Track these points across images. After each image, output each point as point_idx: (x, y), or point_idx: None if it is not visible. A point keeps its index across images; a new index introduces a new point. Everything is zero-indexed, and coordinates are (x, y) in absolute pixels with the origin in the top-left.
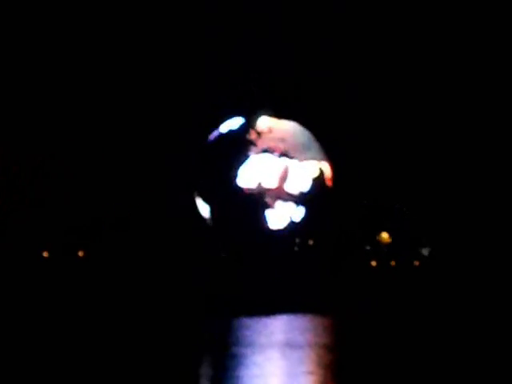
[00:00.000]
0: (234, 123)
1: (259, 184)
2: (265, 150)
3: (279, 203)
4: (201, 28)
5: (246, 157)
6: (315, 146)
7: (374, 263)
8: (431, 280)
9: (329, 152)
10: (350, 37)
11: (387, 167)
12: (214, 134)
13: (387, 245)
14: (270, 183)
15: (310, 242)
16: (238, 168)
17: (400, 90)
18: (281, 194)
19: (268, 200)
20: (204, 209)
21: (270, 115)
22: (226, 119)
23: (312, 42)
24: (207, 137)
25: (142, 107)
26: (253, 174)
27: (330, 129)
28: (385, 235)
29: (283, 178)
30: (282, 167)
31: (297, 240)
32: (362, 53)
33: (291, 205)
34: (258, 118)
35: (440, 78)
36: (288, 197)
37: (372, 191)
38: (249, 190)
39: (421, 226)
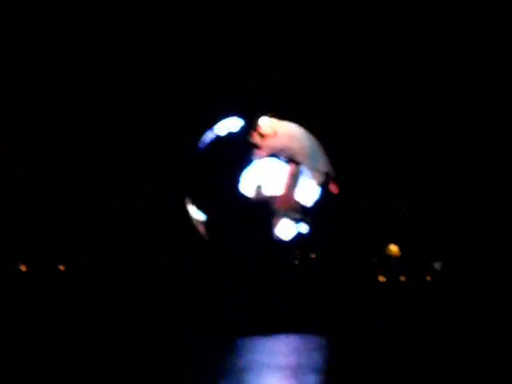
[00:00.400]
0: (231, 124)
1: (265, 191)
2: (272, 155)
3: (287, 212)
4: (197, 25)
5: (250, 161)
6: (320, 151)
7: (382, 278)
8: (444, 297)
9: (334, 157)
10: (352, 35)
11: (397, 173)
12: (209, 136)
13: (396, 258)
14: (277, 190)
15: (312, 255)
16: (240, 173)
17: (407, 90)
18: (288, 203)
19: (275, 209)
20: (198, 218)
21: (272, 116)
22: (221, 120)
23: (313, 40)
24: (201, 139)
25: (133, 109)
26: (258, 179)
27: (335, 132)
28: (394, 248)
29: (291, 185)
30: (289, 173)
31: (297, 253)
32: (363, 52)
33: (299, 214)
34: (258, 119)
35: (447, 79)
36: (296, 205)
37: (380, 199)
38: (254, 197)
39: (433, 237)
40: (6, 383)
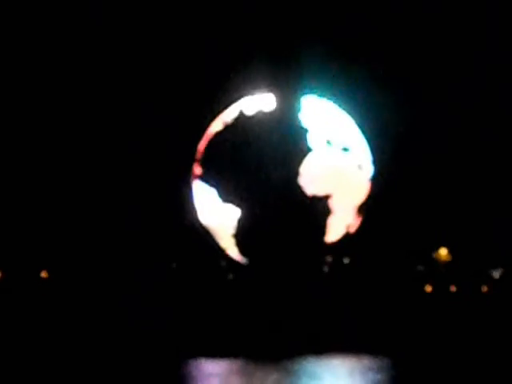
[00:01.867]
0: (258, 102)
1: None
2: (327, 142)
3: (337, 210)
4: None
5: (308, 150)
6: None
7: (429, 288)
8: (503, 310)
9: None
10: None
11: (449, 167)
12: (230, 115)
13: (446, 264)
14: (331, 185)
15: (345, 261)
16: (294, 163)
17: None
18: (338, 199)
19: (328, 206)
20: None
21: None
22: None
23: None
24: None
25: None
26: (315, 172)
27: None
28: (443, 252)
29: (342, 179)
30: (344, 165)
31: (328, 259)
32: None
33: (349, 213)
34: (299, 97)
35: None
36: (346, 202)
37: (429, 196)
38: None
39: (490, 240)
40: None
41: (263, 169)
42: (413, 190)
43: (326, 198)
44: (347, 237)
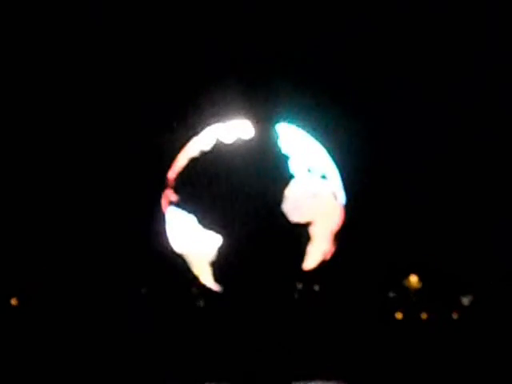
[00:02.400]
0: (234, 128)
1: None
2: (308, 169)
3: (316, 237)
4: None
5: (290, 176)
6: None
7: (399, 315)
8: (474, 337)
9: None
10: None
11: (418, 194)
12: (205, 141)
13: (417, 291)
14: (312, 212)
15: (316, 288)
16: (277, 191)
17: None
18: (317, 226)
19: (308, 233)
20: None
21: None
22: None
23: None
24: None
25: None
26: (299, 199)
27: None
28: (413, 279)
29: (321, 206)
30: (322, 193)
31: (298, 285)
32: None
33: (326, 240)
34: (275, 124)
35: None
36: (324, 229)
37: (399, 223)
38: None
39: (459, 266)
40: None
41: (244, 196)
42: (383, 218)
43: (308, 225)
44: (323, 264)
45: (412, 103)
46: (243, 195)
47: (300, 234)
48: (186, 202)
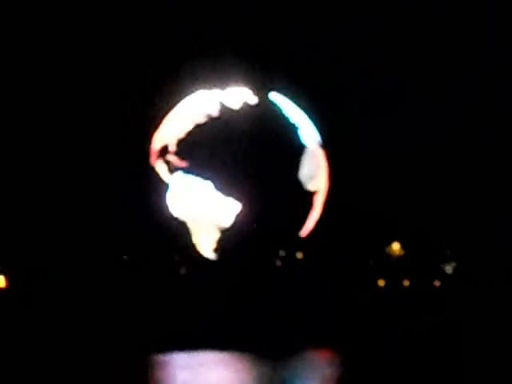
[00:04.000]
0: (237, 95)
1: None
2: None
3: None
4: None
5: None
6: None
7: (381, 282)
8: (455, 306)
9: (327, 142)
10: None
11: (402, 161)
12: (211, 107)
13: (399, 259)
14: (320, 181)
15: (299, 256)
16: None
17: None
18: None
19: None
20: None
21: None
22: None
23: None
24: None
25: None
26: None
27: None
28: (396, 247)
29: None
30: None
31: (281, 252)
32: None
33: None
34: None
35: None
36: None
37: (382, 190)
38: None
39: (443, 234)
40: None
41: (252, 163)
42: (367, 185)
43: (315, 193)
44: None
45: (401, 78)
46: (251, 162)
47: (308, 202)
48: (193, 167)
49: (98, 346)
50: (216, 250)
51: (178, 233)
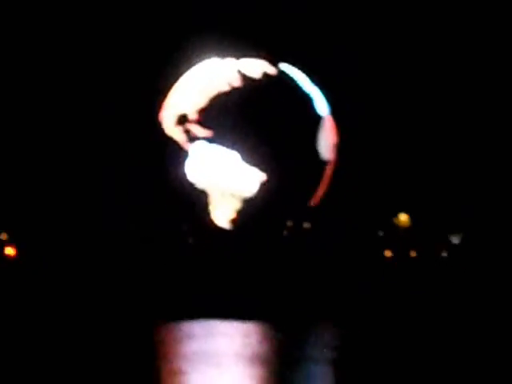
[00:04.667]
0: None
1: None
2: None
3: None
4: None
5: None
6: None
7: (388, 253)
8: (462, 276)
9: (337, 113)
10: None
11: (409, 132)
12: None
13: (406, 230)
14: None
15: (306, 226)
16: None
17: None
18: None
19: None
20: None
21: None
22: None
23: None
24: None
25: None
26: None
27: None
28: (403, 217)
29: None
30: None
31: (288, 223)
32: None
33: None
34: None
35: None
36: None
37: (390, 162)
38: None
39: (450, 205)
40: None
41: (276, 134)
42: (375, 156)
43: (327, 163)
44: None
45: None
46: (271, 132)
47: (320, 172)
48: (217, 137)
49: (108, 314)
50: (233, 221)
51: (195, 200)
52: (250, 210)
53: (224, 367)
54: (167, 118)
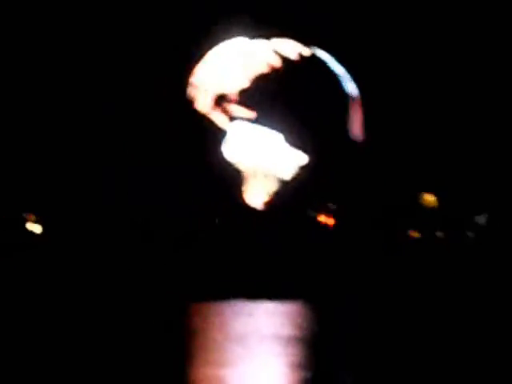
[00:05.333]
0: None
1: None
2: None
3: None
4: None
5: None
6: None
7: (414, 234)
8: (488, 257)
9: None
10: None
11: (436, 113)
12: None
13: (433, 210)
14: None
15: (331, 206)
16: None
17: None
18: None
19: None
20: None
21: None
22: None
23: None
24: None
25: None
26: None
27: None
28: (430, 198)
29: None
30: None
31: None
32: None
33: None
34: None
35: None
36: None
37: (416, 142)
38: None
39: (477, 186)
40: None
41: (317, 117)
42: (401, 136)
43: (356, 143)
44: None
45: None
46: (311, 115)
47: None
48: (260, 118)
49: (140, 295)
50: (269, 202)
51: (231, 180)
52: (286, 192)
53: (260, 348)
54: (201, 97)
